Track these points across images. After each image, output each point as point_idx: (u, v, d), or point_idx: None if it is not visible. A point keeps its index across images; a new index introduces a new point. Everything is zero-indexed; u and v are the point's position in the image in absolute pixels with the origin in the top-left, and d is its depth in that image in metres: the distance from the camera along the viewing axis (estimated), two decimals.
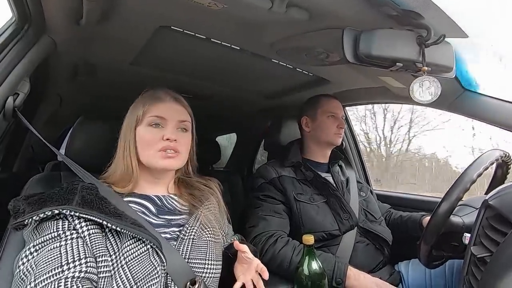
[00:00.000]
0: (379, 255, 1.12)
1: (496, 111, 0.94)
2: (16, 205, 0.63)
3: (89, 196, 0.68)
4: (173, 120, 0.78)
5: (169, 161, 0.75)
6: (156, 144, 0.75)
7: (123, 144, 0.78)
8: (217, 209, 0.86)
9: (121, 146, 0.78)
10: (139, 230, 0.66)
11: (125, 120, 0.80)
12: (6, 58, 0.76)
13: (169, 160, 0.75)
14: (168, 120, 0.77)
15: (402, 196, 1.56)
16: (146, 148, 0.75)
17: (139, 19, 0.85)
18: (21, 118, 0.80)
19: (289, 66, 1.19)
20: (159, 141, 0.75)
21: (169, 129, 0.77)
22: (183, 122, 0.80)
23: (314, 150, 1.25)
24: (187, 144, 0.81)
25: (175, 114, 0.79)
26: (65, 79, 1.27)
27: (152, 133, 0.76)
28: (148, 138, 0.75)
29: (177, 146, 0.76)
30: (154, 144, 0.75)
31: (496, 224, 0.61)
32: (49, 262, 0.58)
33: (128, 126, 0.78)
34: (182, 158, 0.79)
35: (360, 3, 0.68)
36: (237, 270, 0.76)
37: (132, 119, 0.78)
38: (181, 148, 0.77)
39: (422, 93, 0.74)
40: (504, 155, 0.84)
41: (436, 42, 0.70)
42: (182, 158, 0.79)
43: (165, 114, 0.77)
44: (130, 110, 0.81)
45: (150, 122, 0.77)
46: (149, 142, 0.75)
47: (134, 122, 0.78)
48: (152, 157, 0.75)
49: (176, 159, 0.77)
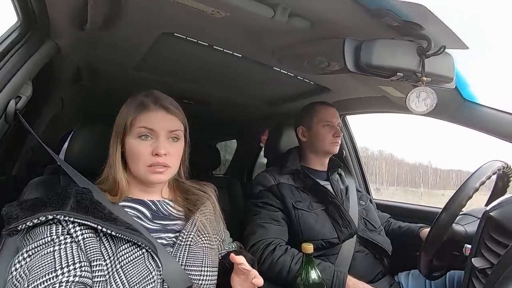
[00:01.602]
0: (378, 265, 1.11)
1: (495, 122, 0.94)
2: (9, 210, 0.62)
3: (83, 201, 0.67)
4: (163, 131, 0.73)
5: (157, 176, 0.73)
6: (145, 159, 0.72)
7: (111, 153, 0.75)
8: (212, 215, 0.85)
9: (110, 154, 0.75)
10: (133, 234, 0.66)
11: (114, 127, 0.76)
12: (10, 61, 0.77)
13: (157, 176, 0.73)
14: (158, 131, 0.73)
15: (402, 205, 1.55)
16: (135, 161, 0.73)
17: (142, 25, 0.86)
18: (22, 121, 0.81)
19: (290, 74, 1.20)
20: (148, 156, 0.72)
21: (159, 142, 0.72)
22: (174, 132, 0.75)
23: (311, 158, 1.25)
24: (178, 154, 0.77)
25: (165, 125, 0.74)
26: (67, 83, 1.28)
27: (141, 146, 0.72)
28: (137, 152, 0.72)
29: (167, 160, 0.73)
30: (143, 158, 0.72)
31: (497, 236, 0.61)
32: (43, 267, 0.57)
33: (116, 135, 0.75)
34: (172, 171, 0.76)
35: (361, 14, 0.69)
36: (234, 281, 0.75)
37: (119, 127, 0.75)
38: (171, 161, 0.74)
39: (418, 103, 0.75)
40: (505, 166, 0.84)
41: (437, 53, 0.71)
42: (171, 171, 0.76)
43: (155, 125, 0.73)
44: (118, 117, 0.76)
45: (138, 133, 0.72)
46: (138, 157, 0.72)
47: (121, 131, 0.74)
48: (141, 171, 0.73)
49: (165, 173, 0.74)
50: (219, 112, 1.82)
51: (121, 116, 0.76)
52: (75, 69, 1.17)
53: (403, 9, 0.65)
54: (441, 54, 0.72)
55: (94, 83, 1.31)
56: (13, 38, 0.80)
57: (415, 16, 0.66)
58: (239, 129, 2.27)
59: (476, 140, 2.52)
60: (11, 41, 0.79)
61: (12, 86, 0.77)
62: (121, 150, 0.74)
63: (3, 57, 0.77)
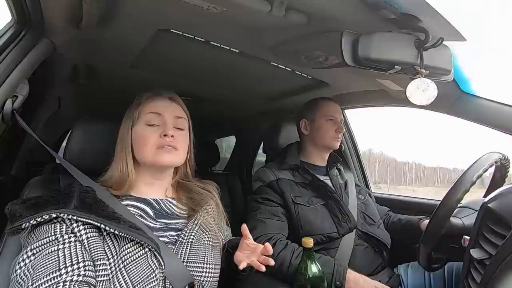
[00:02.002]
0: (378, 258, 1.11)
1: (494, 114, 0.94)
2: (13, 209, 0.62)
3: (86, 200, 0.67)
4: (170, 116, 0.78)
5: (168, 156, 0.75)
6: (154, 142, 0.75)
7: (119, 147, 0.78)
8: (216, 213, 0.86)
9: (118, 148, 0.78)
10: (137, 233, 0.66)
11: (122, 122, 0.80)
12: (5, 61, 0.76)
13: (168, 155, 0.75)
14: (165, 116, 0.77)
15: (401, 199, 1.56)
16: (144, 146, 0.75)
17: (138, 22, 0.85)
18: (19, 121, 0.80)
19: (288, 69, 1.20)
20: (157, 139, 0.75)
21: (166, 126, 0.76)
22: (180, 119, 0.80)
23: (312, 153, 1.25)
24: (184, 142, 0.80)
25: (171, 110, 0.79)
26: (64, 81, 1.27)
27: (149, 131, 0.76)
28: (145, 136, 0.75)
29: (175, 142, 0.76)
30: (151, 141, 0.75)
31: (495, 227, 0.61)
32: (46, 265, 0.57)
33: (125, 127, 0.79)
34: (181, 154, 0.79)
35: (358, 7, 0.69)
36: (238, 257, 0.75)
37: (128, 120, 0.79)
38: (179, 145, 0.77)
39: (418, 95, 0.74)
40: (503, 158, 0.84)
41: (434, 45, 0.71)
42: (180, 154, 0.78)
43: (161, 110, 0.78)
44: (126, 113, 0.81)
45: (146, 120, 0.77)
46: (147, 140, 0.75)
47: (130, 122, 0.78)
48: (150, 154, 0.75)
49: (175, 154, 0.76)
50: (217, 108, 1.82)
51: (128, 113, 0.81)
52: (71, 67, 1.16)
53: (400, 2, 0.64)
54: (439, 47, 0.71)
55: (91, 81, 1.30)
56: (7, 37, 0.79)
57: (413, 8, 0.66)
58: (238, 125, 2.27)
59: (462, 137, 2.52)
60: (6, 39, 0.78)
61: (8, 85, 0.76)
62: (130, 139, 0.77)
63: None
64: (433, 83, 0.73)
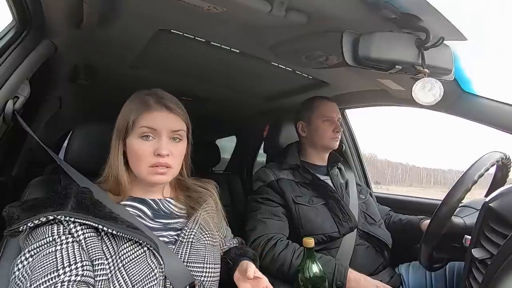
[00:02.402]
0: (379, 258, 1.11)
1: (494, 113, 0.94)
2: (11, 211, 0.62)
3: (83, 201, 0.67)
4: (166, 131, 0.73)
5: (159, 177, 0.72)
6: (147, 159, 0.71)
7: (112, 152, 0.74)
8: (214, 212, 0.86)
9: (111, 153, 0.74)
10: (134, 232, 0.66)
11: (116, 125, 0.75)
12: (6, 62, 0.76)
13: (159, 177, 0.72)
14: (160, 131, 0.72)
15: (402, 198, 1.55)
16: (137, 162, 0.72)
17: (138, 23, 0.85)
18: (20, 122, 0.80)
19: (288, 69, 1.20)
20: (151, 156, 0.71)
21: (161, 142, 0.72)
22: (177, 132, 0.74)
23: (311, 153, 1.25)
24: (180, 155, 0.77)
25: (168, 125, 0.73)
26: (65, 82, 1.27)
27: (143, 146, 0.71)
28: (139, 152, 0.71)
29: (169, 161, 0.72)
30: (145, 159, 0.71)
31: (496, 226, 0.61)
32: (45, 266, 0.57)
33: (117, 134, 0.74)
34: (174, 171, 0.76)
35: (359, 6, 0.69)
36: (236, 279, 0.75)
37: (121, 127, 0.74)
38: (173, 162, 0.74)
39: (425, 95, 0.74)
40: (504, 157, 0.84)
41: (435, 45, 0.70)
42: (173, 172, 0.75)
43: (157, 125, 0.72)
44: (120, 115, 0.76)
45: (141, 133, 0.72)
46: (140, 157, 0.71)
47: (123, 130, 0.73)
48: (143, 172, 0.72)
49: (167, 174, 0.73)
50: (218, 108, 1.82)
51: (123, 115, 0.75)
52: (72, 67, 1.16)
53: (400, 1, 0.64)
54: (440, 46, 0.71)
55: (92, 82, 1.30)
56: (8, 38, 0.79)
57: (413, 8, 0.66)
58: (238, 125, 2.27)
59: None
60: (7, 41, 0.78)
61: (9, 86, 0.76)
62: (122, 149, 0.74)
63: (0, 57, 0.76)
64: (439, 82, 0.73)
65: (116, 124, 0.75)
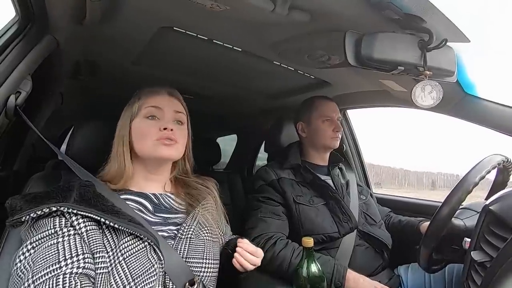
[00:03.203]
0: (378, 259, 1.11)
1: (496, 116, 0.94)
2: (13, 203, 0.63)
3: (86, 194, 0.68)
4: (169, 111, 0.79)
5: (167, 149, 0.76)
6: (153, 134, 0.76)
7: (117, 140, 0.78)
8: (214, 209, 0.86)
9: (116, 142, 0.79)
10: (136, 227, 0.66)
11: (121, 116, 0.81)
12: (8, 57, 0.76)
13: (167, 148, 0.76)
14: (164, 110, 0.78)
15: (403, 200, 1.55)
16: (143, 139, 0.76)
17: (141, 20, 0.85)
18: (22, 117, 0.81)
19: (290, 68, 1.19)
20: (156, 132, 0.76)
21: (165, 120, 0.78)
22: (179, 113, 0.81)
23: (312, 153, 1.25)
24: (183, 136, 0.82)
25: (171, 105, 0.80)
26: (67, 78, 1.27)
27: (149, 124, 0.77)
28: (145, 129, 0.77)
29: (174, 135, 0.77)
30: (151, 134, 0.76)
31: (496, 229, 0.61)
32: (46, 258, 0.58)
33: (124, 121, 0.79)
34: (180, 148, 0.79)
35: (362, 7, 0.68)
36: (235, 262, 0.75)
37: (127, 114, 0.80)
38: (178, 139, 0.78)
39: (424, 97, 0.74)
40: (505, 160, 0.84)
41: (438, 46, 0.70)
42: (179, 148, 0.79)
43: (161, 104, 0.79)
44: (126, 107, 0.82)
45: (146, 114, 0.78)
46: (146, 133, 0.76)
47: (129, 116, 0.79)
48: (149, 147, 0.75)
49: (174, 147, 0.77)
50: (219, 106, 1.81)
51: (129, 105, 0.81)
52: (75, 63, 1.16)
53: (404, 2, 0.64)
54: (443, 47, 0.71)
55: (94, 78, 1.30)
56: (11, 33, 0.79)
57: (416, 8, 0.65)
58: (240, 124, 2.27)
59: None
60: (10, 36, 0.78)
61: (11, 81, 0.77)
62: (128, 137, 0.78)
63: (2, 52, 0.76)
64: (439, 85, 0.73)
65: (121, 116, 0.81)
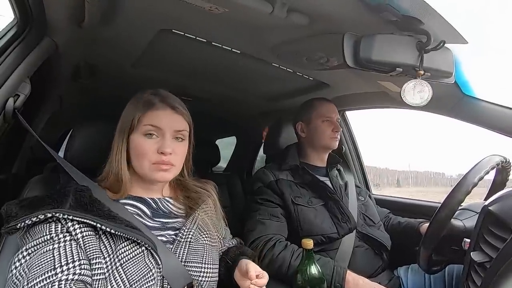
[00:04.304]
0: (378, 260, 1.11)
1: (495, 117, 0.94)
2: (9, 209, 0.62)
3: (82, 199, 0.67)
4: (169, 130, 0.74)
5: (162, 174, 0.73)
6: (150, 157, 0.72)
7: (115, 149, 0.75)
8: (213, 212, 0.86)
9: (113, 150, 0.75)
10: (133, 232, 0.66)
11: (119, 122, 0.76)
12: (7, 60, 0.76)
13: (162, 173, 0.73)
14: (164, 130, 0.73)
15: (402, 201, 1.55)
16: (140, 159, 0.73)
17: (140, 22, 0.86)
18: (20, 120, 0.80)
19: (289, 70, 1.20)
20: (154, 154, 0.72)
21: (164, 141, 0.73)
22: (180, 132, 0.76)
23: (311, 154, 1.25)
24: (182, 153, 0.78)
25: (172, 124, 0.74)
26: (66, 80, 1.27)
27: (146, 144, 0.72)
28: (142, 150, 0.72)
29: (172, 159, 0.73)
30: (148, 156, 0.72)
31: (495, 230, 0.61)
32: (42, 265, 0.57)
33: (121, 131, 0.75)
34: (176, 170, 0.76)
35: (360, 8, 0.69)
36: (237, 278, 0.75)
37: (125, 123, 0.74)
38: (176, 161, 0.75)
39: (413, 96, 0.75)
40: (504, 160, 0.84)
41: (436, 48, 0.71)
42: (176, 170, 0.76)
43: (161, 123, 0.73)
44: (124, 113, 0.77)
45: (145, 131, 0.73)
46: (143, 154, 0.72)
47: (127, 128, 0.74)
48: (145, 169, 0.73)
49: (170, 172, 0.74)
50: (218, 108, 1.82)
51: (127, 113, 0.76)
52: (73, 66, 1.16)
53: (402, 4, 0.64)
54: (441, 49, 0.71)
55: (93, 81, 1.30)
56: (10, 35, 0.79)
57: (414, 10, 0.66)
58: (239, 126, 2.27)
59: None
60: (8, 38, 0.78)
61: (10, 84, 0.76)
62: (125, 147, 0.74)
63: (1, 55, 0.76)
64: (429, 86, 0.73)
65: (120, 122, 0.76)
